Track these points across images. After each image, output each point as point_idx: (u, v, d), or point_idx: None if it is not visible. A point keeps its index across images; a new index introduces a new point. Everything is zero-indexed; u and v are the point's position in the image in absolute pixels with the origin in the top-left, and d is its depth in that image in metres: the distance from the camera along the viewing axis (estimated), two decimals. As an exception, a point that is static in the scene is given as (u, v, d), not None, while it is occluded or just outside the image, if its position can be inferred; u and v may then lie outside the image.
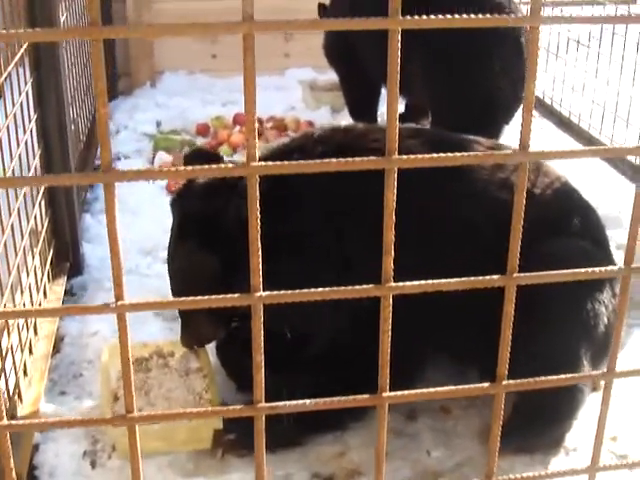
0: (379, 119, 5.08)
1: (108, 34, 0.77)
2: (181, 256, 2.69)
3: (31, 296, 2.92)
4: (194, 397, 2.76)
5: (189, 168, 0.81)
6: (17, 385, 2.59)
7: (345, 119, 5.21)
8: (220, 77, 6.03)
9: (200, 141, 5.03)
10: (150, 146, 4.93)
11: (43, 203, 3.26)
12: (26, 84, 3.03)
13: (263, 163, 0.81)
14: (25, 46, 3.04)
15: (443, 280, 0.89)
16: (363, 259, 2.52)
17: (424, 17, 0.80)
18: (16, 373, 2.61)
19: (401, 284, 0.88)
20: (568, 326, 2.54)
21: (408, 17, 0.79)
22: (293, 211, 2.56)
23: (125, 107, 5.69)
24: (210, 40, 6.12)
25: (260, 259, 0.84)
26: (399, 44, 0.79)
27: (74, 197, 3.52)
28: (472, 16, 0.80)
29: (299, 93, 5.71)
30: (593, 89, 4.68)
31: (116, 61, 5.94)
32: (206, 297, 0.85)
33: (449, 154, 0.84)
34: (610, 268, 0.92)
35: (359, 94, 5.06)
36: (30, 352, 2.84)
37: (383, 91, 5.06)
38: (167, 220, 2.83)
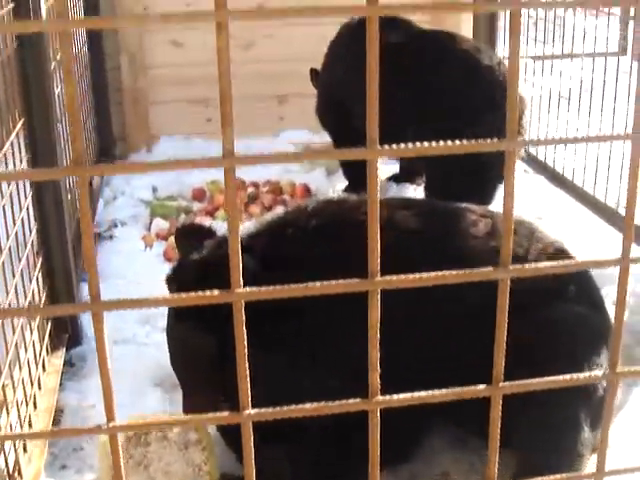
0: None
1: (92, 172, 0.79)
2: (177, 337, 2.70)
3: (30, 371, 2.93)
4: (193, 469, 2.75)
5: (175, 296, 0.83)
6: (17, 462, 2.59)
7: (340, 181, 5.26)
8: (215, 140, 6.08)
9: (196, 206, 5.07)
10: (147, 212, 4.96)
11: (40, 276, 3.28)
12: (21, 162, 3.07)
13: (249, 289, 0.83)
14: (20, 123, 3.09)
15: (430, 392, 0.90)
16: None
17: (402, 146, 0.82)
18: (15, 450, 2.62)
19: (388, 398, 0.89)
20: (567, 392, 2.55)
21: (386, 146, 0.81)
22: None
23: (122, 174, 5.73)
24: (204, 104, 6.18)
25: (248, 380, 0.86)
26: (378, 172, 0.81)
27: (71, 267, 3.54)
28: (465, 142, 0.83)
29: (295, 155, 5.74)
30: (585, 144, 4.72)
31: (112, 126, 5.98)
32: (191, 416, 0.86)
33: (432, 273, 0.86)
34: (594, 374, 0.94)
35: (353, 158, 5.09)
36: (30, 426, 2.84)
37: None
38: (164, 288, 2.83)
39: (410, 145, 0.82)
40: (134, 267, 4.27)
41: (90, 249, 0.81)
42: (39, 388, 3.04)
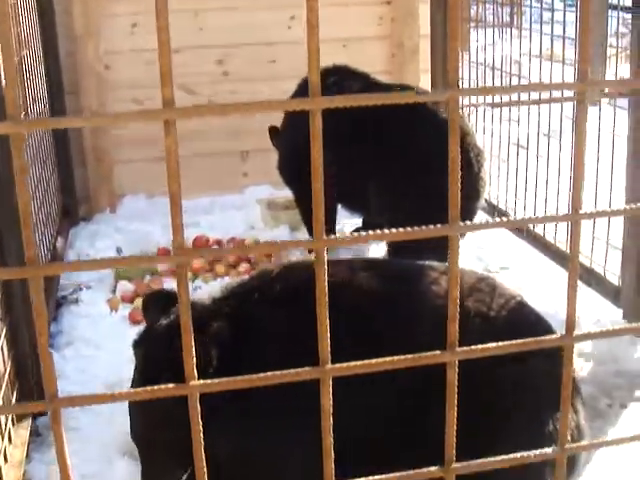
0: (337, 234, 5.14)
1: (46, 271, 0.80)
2: (139, 406, 2.67)
3: (-5, 444, 2.91)
4: None
5: (131, 391, 0.84)
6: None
7: (304, 237, 5.28)
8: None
9: (162, 267, 5.05)
10: (112, 275, 4.94)
11: (5, 344, 3.26)
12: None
13: (202, 381, 0.84)
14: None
15: (384, 476, 0.91)
16: None
17: (347, 236, 0.84)
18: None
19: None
20: (530, 443, 2.56)
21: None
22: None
23: (86, 234, 5.68)
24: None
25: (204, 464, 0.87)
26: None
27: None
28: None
29: (258, 211, 5.77)
30: (544, 193, 4.78)
31: (75, 186, 5.97)
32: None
33: (382, 360, 0.87)
34: (543, 452, 0.95)
35: (315, 211, 5.11)
36: (-4, 502, 2.81)
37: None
38: (131, 351, 2.81)
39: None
40: (100, 331, 4.25)
41: (45, 348, 0.82)
42: (5, 461, 3.00)
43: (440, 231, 0.89)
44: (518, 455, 0.96)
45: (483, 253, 4.99)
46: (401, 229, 0.89)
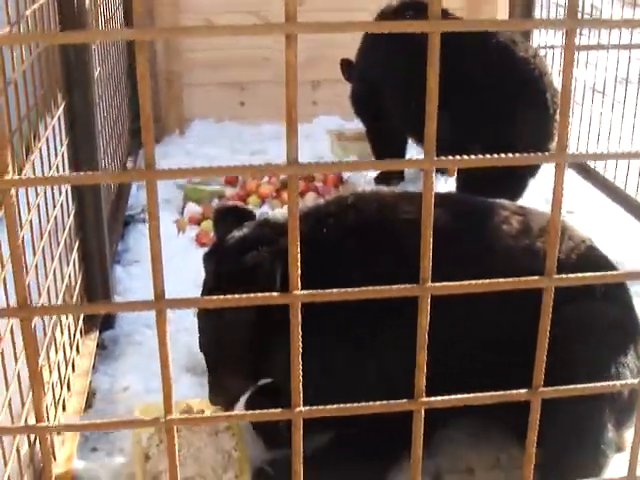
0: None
1: (162, 175, 0.82)
2: (212, 313, 2.70)
3: (64, 353, 2.98)
4: (223, 455, 2.79)
5: (235, 297, 0.86)
6: (51, 444, 2.64)
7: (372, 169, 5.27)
8: (248, 125, 6.11)
9: (229, 191, 5.08)
10: (180, 196, 4.99)
11: (77, 259, 3.32)
12: (62, 145, 3.10)
13: (306, 292, 0.86)
14: (62, 107, 3.12)
15: (473, 395, 0.93)
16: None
17: (457, 157, 0.84)
18: (50, 433, 2.66)
19: (433, 399, 0.92)
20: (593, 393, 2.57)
21: (442, 158, 0.84)
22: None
23: (156, 154, 5.71)
24: (239, 87, 6.22)
25: (300, 378, 0.89)
26: (434, 182, 0.83)
27: (106, 251, 3.57)
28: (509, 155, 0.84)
29: (327, 142, 5.76)
30: (618, 139, 4.71)
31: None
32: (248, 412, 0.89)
33: (481, 281, 0.88)
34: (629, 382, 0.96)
35: (386, 145, 5.08)
36: (64, 409, 2.89)
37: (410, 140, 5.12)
38: (198, 274, 2.86)
39: (465, 157, 0.84)
40: (167, 251, 4.24)
41: (156, 249, 0.84)
42: (73, 370, 3.08)
43: (548, 158, 0.88)
44: (599, 384, 0.97)
45: (548, 196, 4.94)
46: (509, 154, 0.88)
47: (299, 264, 0.88)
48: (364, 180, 5.23)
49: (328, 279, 2.62)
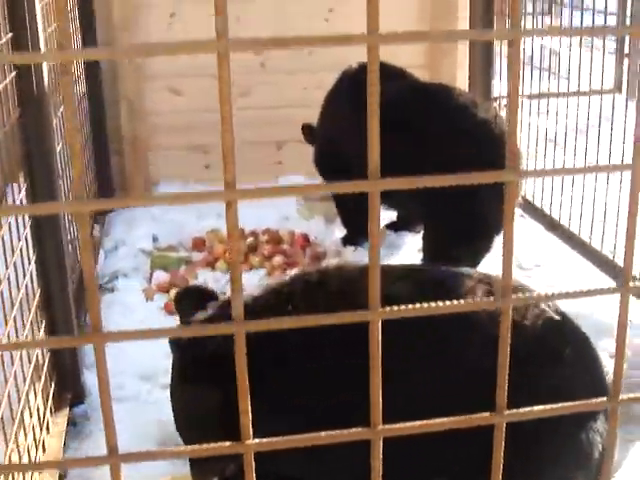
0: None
1: (94, 206, 0.82)
2: (184, 396, 2.72)
3: (34, 435, 2.95)
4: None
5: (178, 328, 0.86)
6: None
7: (339, 229, 5.30)
8: (214, 186, 6.09)
9: (196, 257, 5.08)
10: (147, 264, 4.98)
11: (44, 334, 3.30)
12: (25, 228, 3.10)
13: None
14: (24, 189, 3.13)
15: (433, 421, 0.92)
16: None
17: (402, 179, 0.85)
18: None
19: (390, 426, 0.91)
20: (564, 458, 2.57)
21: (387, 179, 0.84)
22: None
23: (122, 220, 5.66)
24: (203, 150, 6.23)
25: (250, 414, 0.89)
26: (379, 205, 0.84)
27: (74, 325, 3.56)
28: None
29: (293, 202, 5.77)
30: (581, 191, 4.72)
31: (111, 175, 6.01)
32: (196, 447, 0.89)
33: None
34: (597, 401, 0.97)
35: (351, 206, 5.05)
36: (35, 491, 2.86)
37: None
38: (165, 343, 2.85)
39: (410, 178, 0.85)
40: (135, 320, 4.29)
41: (91, 280, 0.82)
42: (43, 451, 3.05)
43: (498, 176, 0.88)
44: (568, 404, 0.98)
45: (516, 250, 4.94)
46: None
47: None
48: (330, 241, 5.24)
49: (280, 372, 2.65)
